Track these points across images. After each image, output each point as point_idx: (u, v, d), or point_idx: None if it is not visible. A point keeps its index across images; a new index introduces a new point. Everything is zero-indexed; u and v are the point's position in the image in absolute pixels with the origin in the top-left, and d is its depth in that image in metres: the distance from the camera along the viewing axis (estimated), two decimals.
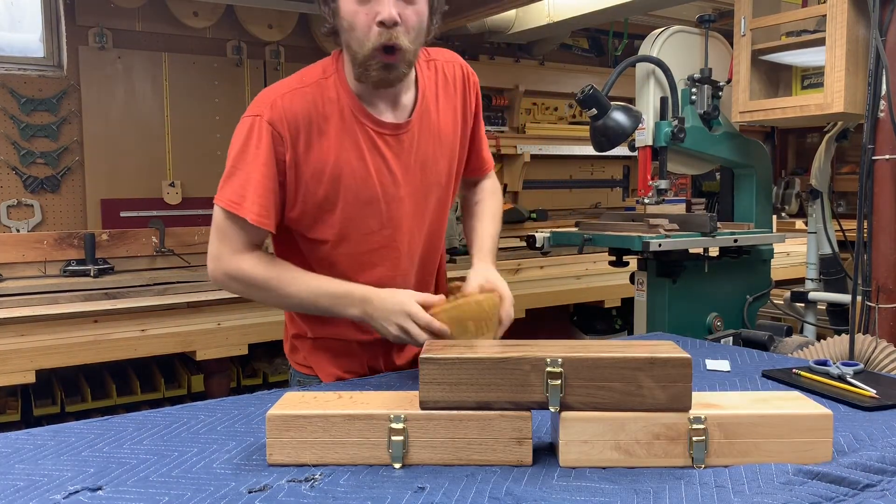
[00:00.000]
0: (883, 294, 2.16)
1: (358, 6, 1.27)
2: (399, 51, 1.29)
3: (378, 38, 1.27)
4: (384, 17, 1.26)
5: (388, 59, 1.29)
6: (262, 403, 1.28)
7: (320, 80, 1.38)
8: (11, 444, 1.09)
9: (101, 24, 3.92)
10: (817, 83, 2.48)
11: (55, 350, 2.58)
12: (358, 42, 1.29)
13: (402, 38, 1.28)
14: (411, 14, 1.29)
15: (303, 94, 1.36)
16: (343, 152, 1.36)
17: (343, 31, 1.32)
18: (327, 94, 1.36)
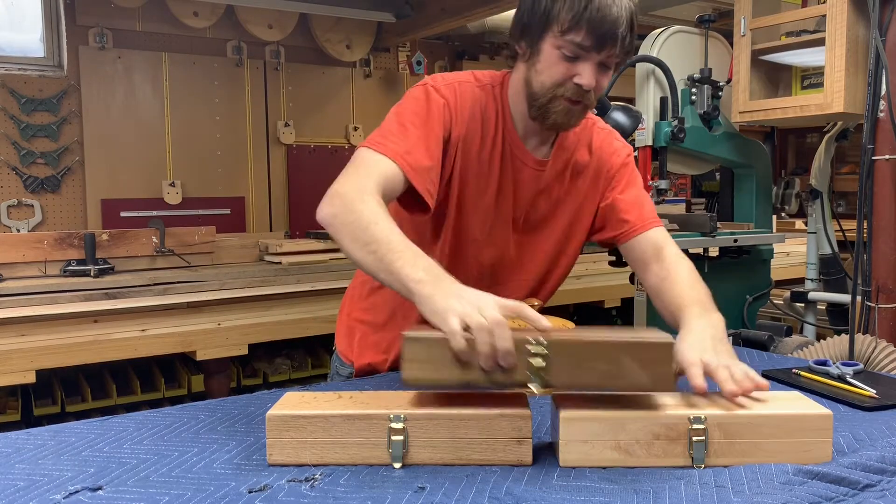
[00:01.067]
0: (883, 294, 2.17)
1: (561, 61, 1.27)
2: (584, 104, 1.33)
3: (568, 92, 1.29)
4: (585, 83, 1.27)
5: (573, 106, 1.31)
6: (262, 403, 1.28)
7: (491, 86, 1.40)
8: (11, 444, 1.09)
9: (101, 24, 3.92)
10: (817, 83, 2.48)
11: (55, 350, 2.58)
12: (543, 87, 1.30)
13: (590, 98, 1.31)
14: (603, 80, 1.31)
15: (480, 90, 1.39)
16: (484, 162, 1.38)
17: (532, 71, 1.32)
18: (495, 101, 1.40)
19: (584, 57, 1.26)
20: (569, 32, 1.24)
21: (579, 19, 1.23)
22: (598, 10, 1.22)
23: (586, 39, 1.24)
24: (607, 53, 1.26)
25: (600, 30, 1.23)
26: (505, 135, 1.40)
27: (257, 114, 4.45)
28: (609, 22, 1.23)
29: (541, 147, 1.43)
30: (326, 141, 4.61)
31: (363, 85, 4.70)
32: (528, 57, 1.32)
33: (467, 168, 1.38)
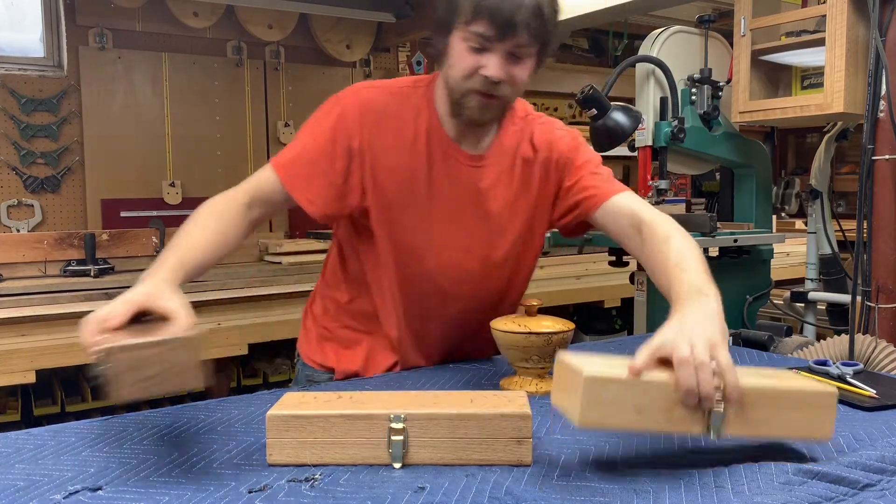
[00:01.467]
0: (883, 294, 2.17)
1: (468, 53, 1.26)
2: (499, 98, 1.30)
3: (478, 85, 1.28)
4: (491, 74, 1.25)
5: (486, 100, 1.29)
6: (262, 403, 1.28)
7: (408, 87, 1.40)
8: (11, 444, 1.09)
9: (101, 24, 3.92)
10: (817, 83, 2.48)
11: (55, 350, 2.58)
12: (455, 81, 1.30)
13: (505, 90, 1.29)
14: (518, 72, 1.29)
15: (388, 91, 1.38)
16: (413, 163, 1.36)
17: (446, 67, 1.31)
18: (414, 103, 1.38)
19: (489, 48, 1.25)
20: (471, 23, 1.23)
21: (479, 9, 1.22)
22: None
23: (488, 29, 1.23)
24: (513, 43, 1.24)
25: (500, 18, 1.21)
26: (431, 134, 1.37)
27: (257, 114, 4.45)
28: (508, 11, 1.21)
29: (477, 144, 1.40)
30: None
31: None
32: (443, 53, 1.31)
33: (384, 173, 1.35)
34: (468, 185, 1.40)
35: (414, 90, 1.39)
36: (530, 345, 1.29)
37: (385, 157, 1.35)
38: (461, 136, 1.39)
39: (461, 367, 1.53)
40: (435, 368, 1.51)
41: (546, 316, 1.35)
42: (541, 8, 1.23)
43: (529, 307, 1.34)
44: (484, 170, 1.40)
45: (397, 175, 1.36)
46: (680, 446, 1.07)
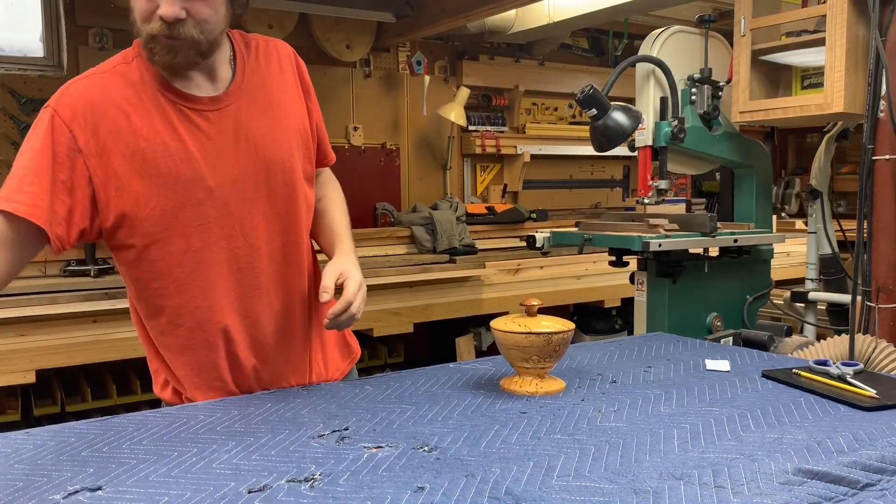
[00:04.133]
0: (883, 294, 2.16)
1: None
2: (184, 39, 1.21)
3: (157, 29, 1.20)
4: (164, 13, 1.18)
5: (171, 43, 1.21)
6: (261, 403, 1.28)
7: (120, 65, 1.29)
8: (11, 444, 1.09)
9: (101, 24, 3.92)
10: (817, 83, 2.48)
11: (55, 350, 2.58)
12: (138, 30, 1.23)
13: (190, 30, 1.21)
14: (201, 8, 1.22)
15: (99, 79, 1.27)
16: (155, 134, 1.25)
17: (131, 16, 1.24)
18: (129, 78, 1.27)
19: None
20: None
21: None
22: None
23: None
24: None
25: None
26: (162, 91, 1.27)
27: None
28: None
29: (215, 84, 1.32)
30: None
31: (363, 85, 4.70)
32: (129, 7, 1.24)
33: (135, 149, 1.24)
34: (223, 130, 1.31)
35: (127, 64, 1.29)
36: (530, 345, 1.29)
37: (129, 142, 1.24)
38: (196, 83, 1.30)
39: (461, 367, 1.53)
40: (435, 368, 1.51)
41: (546, 316, 1.35)
42: None
43: (529, 307, 1.34)
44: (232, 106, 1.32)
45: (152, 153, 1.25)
46: (680, 446, 1.06)
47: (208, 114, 1.29)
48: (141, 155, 1.24)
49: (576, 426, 1.15)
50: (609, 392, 1.34)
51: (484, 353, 3.88)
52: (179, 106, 1.28)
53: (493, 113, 4.91)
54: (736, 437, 1.10)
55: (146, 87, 1.27)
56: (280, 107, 1.39)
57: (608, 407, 1.25)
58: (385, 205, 4.28)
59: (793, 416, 1.20)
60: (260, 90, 1.36)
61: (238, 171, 1.31)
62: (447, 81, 4.78)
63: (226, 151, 1.30)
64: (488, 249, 4.07)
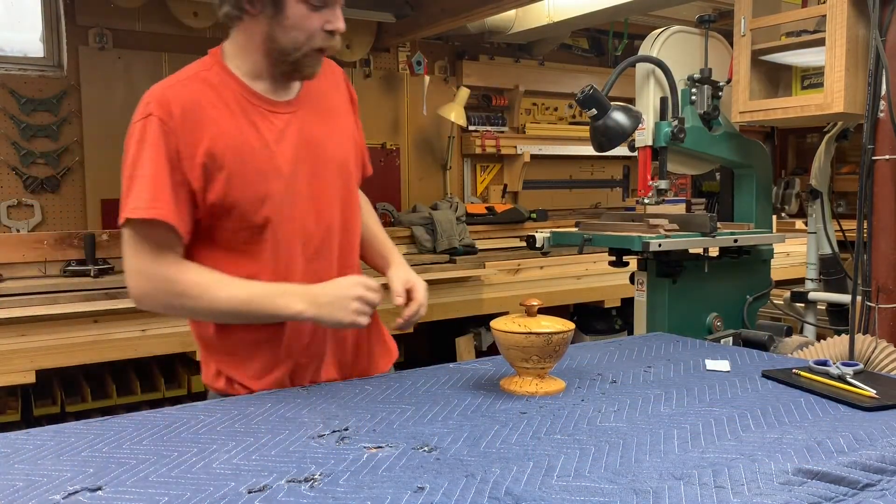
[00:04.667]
0: (883, 294, 2.16)
1: (310, 12, 1.33)
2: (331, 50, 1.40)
3: (322, 41, 1.36)
4: (340, 27, 1.36)
5: (320, 54, 1.39)
6: (261, 403, 1.28)
7: (201, 71, 1.39)
8: (11, 444, 1.09)
9: (101, 24, 3.92)
10: (817, 83, 2.48)
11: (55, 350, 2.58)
12: (297, 42, 1.35)
13: (337, 41, 1.40)
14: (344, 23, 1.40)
15: (186, 84, 1.36)
16: (240, 133, 1.36)
17: (278, 30, 1.34)
18: (212, 82, 1.37)
19: (329, 3, 1.34)
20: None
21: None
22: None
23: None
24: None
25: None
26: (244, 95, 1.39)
27: None
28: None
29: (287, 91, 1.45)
30: None
31: (363, 85, 4.70)
32: (272, 15, 1.33)
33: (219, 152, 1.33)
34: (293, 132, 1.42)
35: (206, 71, 1.39)
36: (530, 345, 1.29)
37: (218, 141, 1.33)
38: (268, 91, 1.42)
39: (461, 367, 1.53)
40: (435, 368, 1.51)
41: (546, 316, 1.35)
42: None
43: (529, 307, 1.34)
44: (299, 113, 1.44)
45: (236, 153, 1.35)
46: (680, 446, 1.06)
47: (283, 115, 1.42)
48: (229, 151, 1.34)
49: (576, 426, 1.15)
50: (609, 392, 1.34)
51: (484, 353, 3.88)
52: (259, 108, 1.40)
53: (493, 113, 4.91)
54: (736, 438, 1.10)
55: (228, 91, 1.38)
56: (338, 116, 1.54)
57: (608, 407, 1.25)
58: (385, 205, 4.28)
59: (793, 417, 1.20)
60: (322, 99, 1.50)
61: (308, 166, 1.43)
62: (447, 81, 4.79)
63: (298, 148, 1.42)
64: (488, 249, 4.07)
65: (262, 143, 1.38)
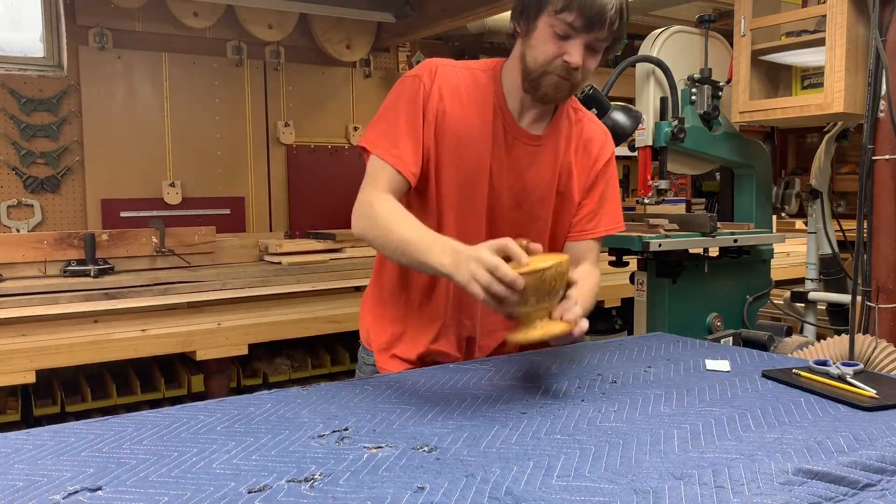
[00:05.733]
0: (883, 294, 2.16)
1: (553, 39, 1.40)
2: (571, 81, 1.45)
3: (558, 69, 1.42)
4: (573, 61, 1.39)
5: (560, 81, 1.43)
6: (261, 403, 1.28)
7: (478, 70, 1.53)
8: (10, 444, 1.09)
9: (101, 24, 3.92)
10: (817, 83, 2.48)
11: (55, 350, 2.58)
12: (536, 63, 1.43)
13: (577, 77, 1.44)
14: (592, 63, 1.43)
15: (461, 71, 1.52)
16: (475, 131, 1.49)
17: (526, 47, 1.45)
18: (480, 81, 1.52)
19: (573, 36, 1.38)
20: (562, 12, 1.37)
21: (572, 1, 1.36)
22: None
23: (577, 20, 1.36)
24: (595, 35, 1.38)
25: (590, 12, 1.35)
26: (498, 111, 1.51)
27: (257, 114, 4.45)
28: (599, 6, 1.36)
29: (535, 125, 1.54)
30: (326, 141, 4.61)
31: (363, 85, 4.70)
32: (525, 34, 1.44)
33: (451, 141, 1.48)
34: (524, 161, 1.54)
35: (483, 72, 1.53)
36: (524, 287, 1.21)
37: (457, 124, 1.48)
38: (522, 116, 1.53)
39: (461, 367, 1.53)
40: (435, 368, 1.51)
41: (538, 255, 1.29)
42: (623, 10, 1.39)
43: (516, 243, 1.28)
44: (539, 148, 1.55)
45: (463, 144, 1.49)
46: (680, 446, 1.06)
47: (517, 142, 1.53)
48: (458, 139, 1.48)
49: (576, 426, 1.15)
50: (609, 392, 1.34)
51: None
52: (502, 124, 1.51)
53: None
54: (736, 438, 1.10)
55: (488, 95, 1.51)
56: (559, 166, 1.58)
57: (608, 407, 1.25)
58: None
59: (793, 417, 1.20)
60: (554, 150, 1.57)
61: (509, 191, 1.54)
62: None
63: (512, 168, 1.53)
64: None
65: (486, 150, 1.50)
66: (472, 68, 1.54)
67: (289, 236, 4.35)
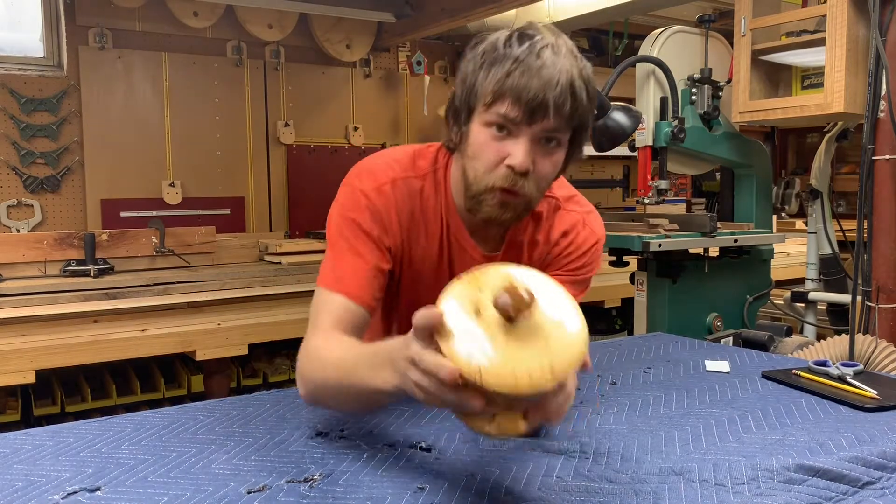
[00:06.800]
0: (883, 294, 2.16)
1: (491, 141, 1.08)
2: (521, 195, 1.11)
3: (502, 180, 1.09)
4: (516, 164, 1.06)
5: (506, 198, 1.10)
6: (260, 404, 1.28)
7: (430, 172, 1.23)
8: (10, 445, 1.09)
9: (101, 24, 3.92)
10: (817, 83, 2.48)
11: (55, 350, 2.58)
12: (477, 175, 1.11)
13: (529, 186, 1.10)
14: (546, 165, 1.10)
15: (407, 184, 1.21)
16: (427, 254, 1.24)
17: (465, 158, 1.14)
18: (429, 192, 1.23)
19: (514, 132, 1.06)
20: (494, 104, 1.06)
21: (503, 86, 1.04)
22: (523, 73, 1.03)
23: (512, 110, 1.04)
24: (542, 126, 1.05)
25: (527, 97, 1.03)
26: (449, 226, 1.23)
27: (257, 114, 4.45)
28: (536, 88, 1.02)
29: (490, 241, 1.26)
30: (326, 141, 4.60)
31: (363, 85, 4.70)
32: (460, 142, 1.14)
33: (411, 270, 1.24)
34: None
35: (435, 173, 1.23)
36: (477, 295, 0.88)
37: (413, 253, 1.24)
38: (475, 231, 1.24)
39: None
40: None
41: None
42: (574, 86, 1.04)
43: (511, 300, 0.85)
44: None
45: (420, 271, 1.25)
46: (681, 448, 1.06)
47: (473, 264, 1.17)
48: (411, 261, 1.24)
49: (575, 427, 1.15)
50: (609, 393, 1.34)
51: None
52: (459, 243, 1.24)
53: None
54: (737, 439, 1.09)
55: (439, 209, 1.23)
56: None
57: (608, 408, 1.25)
58: None
59: (794, 418, 1.20)
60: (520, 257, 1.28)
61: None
62: (447, 81, 4.78)
63: None
64: None
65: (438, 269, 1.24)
66: (422, 171, 1.23)
67: (289, 236, 4.35)
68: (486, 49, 1.09)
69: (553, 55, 1.04)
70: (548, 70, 1.03)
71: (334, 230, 1.20)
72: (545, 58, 1.04)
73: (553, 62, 1.04)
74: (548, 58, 1.04)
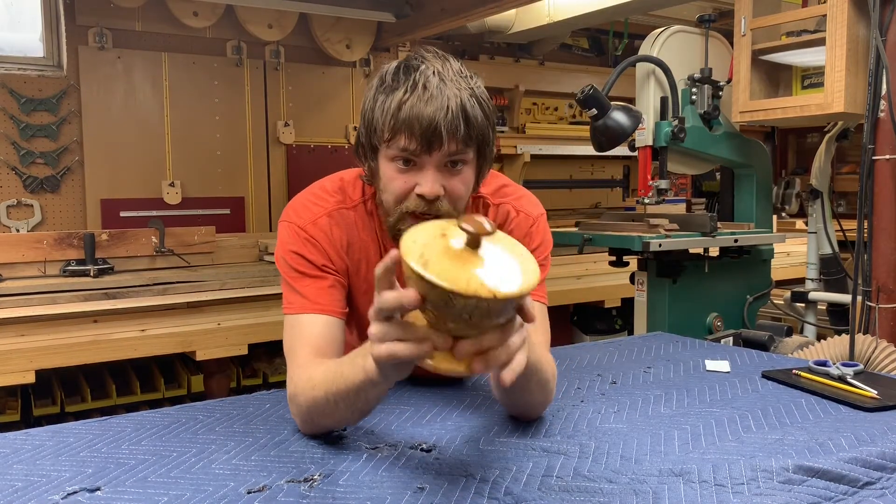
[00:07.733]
0: (883, 294, 2.16)
1: (398, 174, 1.12)
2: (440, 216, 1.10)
3: (415, 206, 1.12)
4: (426, 192, 1.10)
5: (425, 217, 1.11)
6: (260, 404, 1.28)
7: (360, 204, 1.28)
8: (10, 445, 1.09)
9: (101, 24, 3.92)
10: (817, 83, 2.48)
11: (55, 350, 2.58)
12: (389, 206, 1.16)
13: (445, 206, 1.12)
14: (457, 185, 1.13)
15: (345, 216, 1.26)
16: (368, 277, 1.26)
17: (378, 189, 1.19)
18: (364, 221, 1.27)
19: (418, 162, 1.10)
20: (392, 139, 1.09)
21: (396, 122, 1.08)
22: (412, 107, 1.06)
23: (410, 143, 1.08)
24: (441, 153, 1.08)
25: (421, 128, 1.06)
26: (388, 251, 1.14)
27: (257, 114, 4.45)
28: (429, 118, 1.05)
29: None
30: (326, 141, 4.60)
31: (363, 85, 4.69)
32: (373, 177, 1.19)
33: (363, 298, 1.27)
34: None
35: (365, 203, 1.28)
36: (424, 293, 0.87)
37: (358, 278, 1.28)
38: None
39: None
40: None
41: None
42: (465, 108, 1.07)
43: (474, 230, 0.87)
44: None
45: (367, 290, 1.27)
46: (680, 447, 1.06)
47: None
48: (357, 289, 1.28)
49: (575, 427, 1.15)
50: (609, 393, 1.34)
51: None
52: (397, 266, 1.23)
53: None
54: (737, 439, 1.09)
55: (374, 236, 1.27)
56: None
57: (608, 408, 1.25)
58: None
59: (794, 418, 1.20)
60: None
61: None
62: None
63: None
64: None
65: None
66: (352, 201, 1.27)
67: None
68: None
69: (440, 82, 1.08)
70: (436, 99, 1.06)
71: (285, 266, 1.26)
72: (432, 87, 1.07)
73: (440, 90, 1.07)
74: (435, 86, 1.07)
